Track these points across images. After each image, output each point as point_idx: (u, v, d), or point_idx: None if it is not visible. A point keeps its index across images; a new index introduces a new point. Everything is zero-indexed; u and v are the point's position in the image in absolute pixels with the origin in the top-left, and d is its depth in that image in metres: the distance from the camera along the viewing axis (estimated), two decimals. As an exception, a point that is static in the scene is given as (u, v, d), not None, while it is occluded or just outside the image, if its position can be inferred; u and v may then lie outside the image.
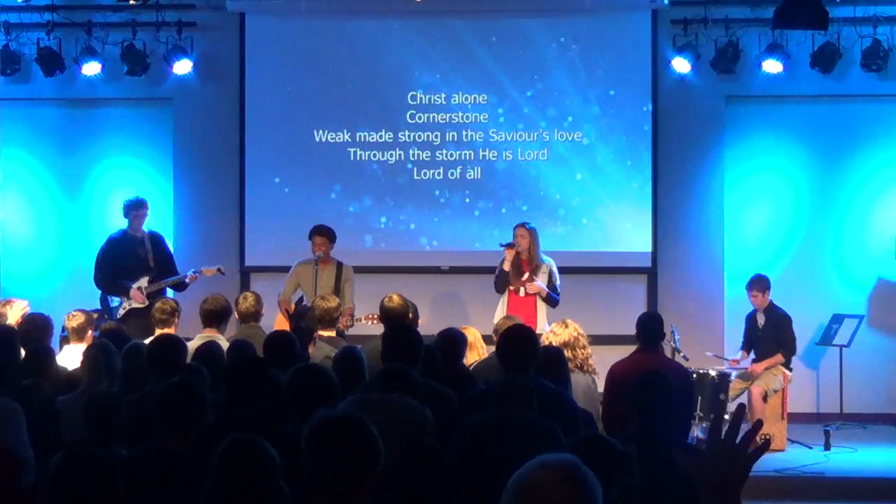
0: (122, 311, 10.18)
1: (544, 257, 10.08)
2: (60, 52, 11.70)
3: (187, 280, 10.38)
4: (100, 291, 10.40)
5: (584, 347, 7.81)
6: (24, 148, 12.13)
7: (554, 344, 7.62)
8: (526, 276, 9.93)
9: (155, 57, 11.70)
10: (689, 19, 11.45)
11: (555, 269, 10.04)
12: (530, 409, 5.31)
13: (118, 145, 12.10)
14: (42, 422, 5.69)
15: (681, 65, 11.46)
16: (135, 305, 10.20)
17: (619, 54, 11.71)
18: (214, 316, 8.26)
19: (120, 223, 10.68)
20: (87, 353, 6.67)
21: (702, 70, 11.50)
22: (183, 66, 11.66)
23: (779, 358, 10.19)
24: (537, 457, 2.68)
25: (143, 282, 10.31)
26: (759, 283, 10.34)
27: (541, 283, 9.90)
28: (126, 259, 10.35)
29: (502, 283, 9.94)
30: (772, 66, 11.32)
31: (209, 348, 7.13)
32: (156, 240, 10.59)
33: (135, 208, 10.47)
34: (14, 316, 8.91)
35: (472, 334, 8.36)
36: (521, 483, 2.64)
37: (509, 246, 9.94)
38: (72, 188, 12.15)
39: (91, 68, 11.60)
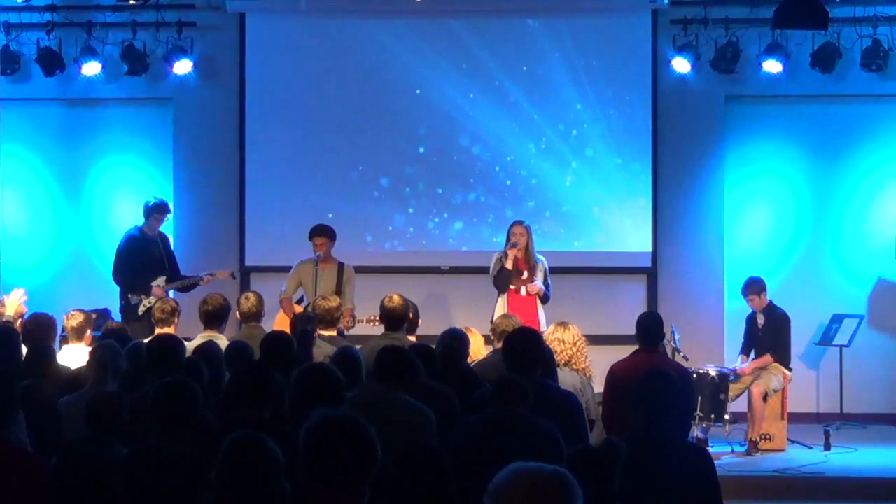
0: (142, 309, 10.22)
1: (538, 256, 10.10)
2: (60, 52, 11.69)
3: (202, 282, 10.45)
4: (118, 288, 10.47)
5: (574, 345, 7.87)
6: (25, 148, 12.13)
7: (558, 340, 7.75)
8: (525, 275, 9.94)
9: (155, 57, 11.69)
10: (689, 19, 11.44)
11: (547, 268, 10.08)
12: (525, 406, 5.32)
13: (118, 145, 12.09)
14: (43, 422, 5.69)
15: (681, 65, 11.46)
16: None
17: (619, 54, 11.71)
18: (214, 316, 8.27)
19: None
20: (93, 353, 6.66)
21: (702, 70, 11.50)
22: (183, 66, 11.66)
23: (767, 359, 10.12)
24: (518, 463, 2.70)
25: (161, 281, 10.41)
26: (753, 287, 10.30)
27: (539, 282, 9.93)
28: (144, 258, 10.43)
29: (505, 282, 9.94)
30: (772, 66, 11.32)
31: (208, 348, 7.13)
32: (165, 241, 10.71)
33: (158, 211, 10.53)
34: (12, 305, 8.88)
35: (474, 338, 8.34)
36: (506, 482, 2.65)
37: (513, 246, 9.95)
38: (72, 188, 12.15)
39: (91, 68, 11.60)
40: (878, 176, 11.72)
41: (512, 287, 9.92)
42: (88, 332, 8.06)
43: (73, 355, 7.60)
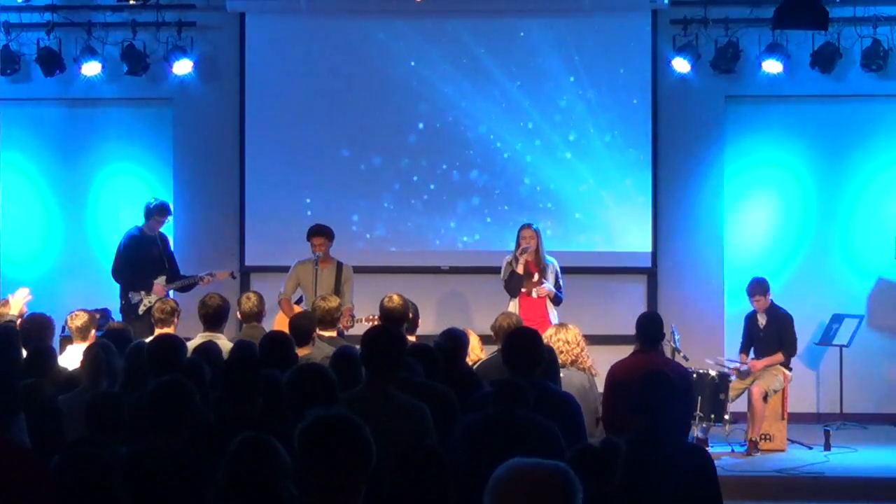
0: (143, 308, 10.23)
1: (548, 258, 10.11)
2: (60, 52, 11.70)
3: (202, 282, 10.46)
4: (118, 287, 10.48)
5: (578, 344, 7.88)
6: (24, 148, 12.12)
7: (562, 341, 7.75)
8: (536, 278, 9.95)
9: (155, 57, 11.70)
10: (689, 19, 11.45)
11: (558, 269, 10.09)
12: (525, 406, 5.31)
13: (118, 145, 12.09)
14: (43, 422, 5.69)
15: (681, 65, 11.46)
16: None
17: (619, 54, 11.71)
18: (213, 317, 8.26)
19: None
20: (87, 353, 6.67)
21: (702, 70, 11.50)
22: (183, 66, 11.66)
23: (778, 357, 10.18)
24: (517, 458, 2.69)
25: (161, 280, 10.41)
26: (759, 287, 10.32)
27: (549, 284, 9.93)
28: (145, 257, 10.44)
29: (516, 286, 9.94)
30: (772, 66, 11.33)
31: (208, 348, 7.13)
32: (165, 241, 10.72)
33: (159, 213, 10.52)
34: (17, 304, 8.89)
35: (471, 338, 8.33)
36: (506, 477, 2.64)
37: (524, 252, 9.93)
38: (72, 188, 12.13)
39: (91, 68, 11.60)
40: (878, 176, 11.71)
41: (523, 290, 9.93)
42: (92, 331, 8.07)
43: (78, 355, 7.59)
